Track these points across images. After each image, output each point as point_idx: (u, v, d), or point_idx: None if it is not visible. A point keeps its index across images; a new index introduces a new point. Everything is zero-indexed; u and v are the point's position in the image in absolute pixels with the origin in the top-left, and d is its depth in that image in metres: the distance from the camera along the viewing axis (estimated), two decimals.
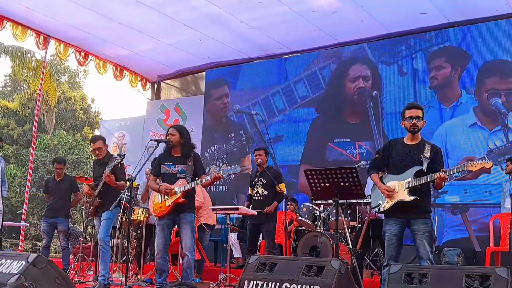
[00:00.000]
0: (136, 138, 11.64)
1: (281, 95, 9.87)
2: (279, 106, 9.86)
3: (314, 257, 5.90)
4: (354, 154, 8.93)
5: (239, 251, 8.05)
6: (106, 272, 5.69)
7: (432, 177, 4.30)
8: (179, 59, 10.58)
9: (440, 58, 8.47)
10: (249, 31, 9.05)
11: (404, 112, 4.58)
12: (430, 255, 4.30)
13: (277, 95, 9.91)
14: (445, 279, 3.42)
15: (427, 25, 8.49)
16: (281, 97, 9.85)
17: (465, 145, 7.96)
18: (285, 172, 9.17)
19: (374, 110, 8.91)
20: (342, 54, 9.44)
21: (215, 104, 10.70)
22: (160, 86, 12.20)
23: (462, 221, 7.84)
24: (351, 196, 4.97)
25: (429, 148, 4.48)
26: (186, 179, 5.23)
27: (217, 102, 10.68)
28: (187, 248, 5.13)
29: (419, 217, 4.40)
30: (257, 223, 6.65)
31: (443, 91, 8.38)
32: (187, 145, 5.35)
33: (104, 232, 5.76)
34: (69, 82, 25.76)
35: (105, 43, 9.98)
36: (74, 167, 19.07)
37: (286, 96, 9.81)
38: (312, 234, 6.55)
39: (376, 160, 4.88)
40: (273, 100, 9.94)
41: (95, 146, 6.02)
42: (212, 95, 10.78)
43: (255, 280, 3.91)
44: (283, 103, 9.82)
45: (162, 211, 5.22)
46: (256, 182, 6.76)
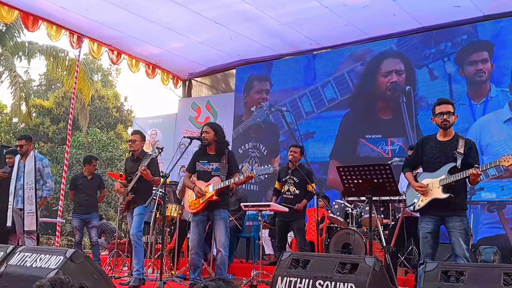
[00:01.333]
0: (168, 135, 11.76)
1: (309, 97, 9.83)
2: (307, 108, 9.82)
3: (347, 255, 5.86)
4: (386, 151, 8.82)
5: (271, 248, 8.06)
6: (140, 266, 5.76)
7: (465, 173, 4.21)
8: (209, 56, 10.65)
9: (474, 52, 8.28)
10: (279, 27, 9.03)
11: (434, 108, 4.51)
12: (466, 253, 4.23)
13: (304, 98, 9.88)
14: (483, 277, 3.35)
15: (461, 19, 8.31)
16: (309, 99, 9.81)
17: (500, 141, 7.77)
18: (316, 168, 9.14)
19: (407, 106, 8.78)
20: (374, 49, 9.32)
21: (249, 99, 10.71)
22: (191, 84, 12.30)
23: (498, 219, 7.67)
24: (384, 193, 4.91)
25: (463, 143, 4.39)
26: (220, 177, 5.27)
27: (248, 99, 10.70)
28: (221, 244, 5.17)
29: (454, 214, 4.32)
30: (287, 220, 6.64)
31: (473, 86, 8.20)
32: (221, 142, 5.40)
33: (137, 227, 5.83)
34: (102, 80, 26.22)
35: (137, 42, 10.10)
36: (108, 165, 19.41)
37: (314, 99, 9.76)
38: (344, 232, 6.51)
39: (410, 158, 4.84)
40: (300, 102, 9.91)
41: (131, 138, 6.17)
42: (247, 90, 10.79)
43: (289, 276, 3.90)
44: (311, 106, 9.78)
45: (197, 208, 5.29)
46: (287, 180, 6.73)
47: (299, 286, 3.83)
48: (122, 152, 19.97)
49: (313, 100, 9.77)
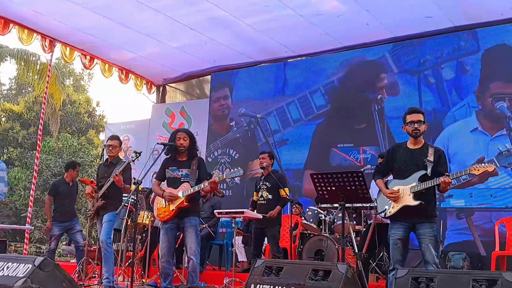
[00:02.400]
0: (141, 141, 11.64)
1: (279, 101, 9.91)
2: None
3: (320, 261, 5.88)
4: (358, 159, 8.92)
5: (244, 255, 8.03)
6: (110, 274, 5.67)
7: (436, 181, 4.29)
8: (184, 62, 10.60)
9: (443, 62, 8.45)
10: (255, 34, 9.06)
11: (405, 117, 4.58)
12: (436, 259, 4.30)
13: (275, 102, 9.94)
14: (452, 283, 3.41)
15: (433, 29, 8.48)
16: (279, 103, 9.88)
17: (466, 150, 7.93)
18: (290, 176, 9.16)
19: (379, 114, 8.90)
20: (348, 58, 9.42)
21: (219, 107, 10.71)
22: (165, 90, 12.22)
23: (466, 225, 7.81)
24: (357, 200, 4.98)
25: (433, 152, 4.48)
26: (190, 183, 5.24)
27: (222, 105, 10.69)
28: (192, 251, 5.14)
29: (424, 221, 4.39)
30: (261, 227, 6.64)
31: (446, 95, 8.37)
32: (193, 149, 5.38)
33: (106, 234, 5.74)
34: (74, 85, 25.86)
35: (111, 47, 10.01)
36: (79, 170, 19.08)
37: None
38: (317, 238, 6.53)
39: (381, 166, 4.92)
40: (271, 106, 9.97)
41: (111, 143, 6.05)
42: (217, 98, 10.80)
43: (261, 284, 3.91)
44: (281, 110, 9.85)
45: (166, 215, 5.24)
46: (261, 186, 6.75)
47: None
48: (93, 157, 19.71)
49: (284, 105, 9.85)
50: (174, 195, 5.17)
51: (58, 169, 18.69)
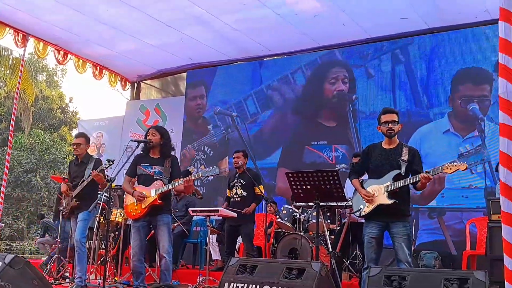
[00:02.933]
0: (115, 138, 11.50)
1: (254, 99, 9.88)
2: (251, 110, 9.87)
3: (294, 260, 5.89)
4: (331, 157, 8.97)
5: (218, 253, 7.99)
6: (82, 273, 5.59)
7: (415, 178, 4.34)
8: (160, 59, 10.50)
9: (419, 64, 8.56)
10: (232, 33, 9.03)
11: (380, 117, 4.63)
12: (408, 258, 4.34)
13: (250, 100, 9.92)
14: (424, 282, 3.44)
15: (408, 31, 8.57)
16: (254, 101, 9.86)
17: (439, 151, 8.04)
18: (264, 174, 9.16)
19: (353, 114, 8.97)
20: (323, 58, 9.47)
21: (195, 105, 10.66)
22: (140, 86, 12.09)
23: (438, 225, 7.93)
24: (331, 198, 4.98)
25: (407, 151, 4.53)
26: (163, 180, 5.18)
27: (197, 103, 10.63)
28: (164, 250, 5.08)
29: (398, 220, 4.43)
30: (235, 225, 6.59)
31: (420, 96, 8.47)
32: (166, 146, 5.31)
33: (81, 233, 5.65)
34: (47, 80, 25.41)
35: (85, 42, 9.85)
36: (51, 167, 18.81)
37: (259, 101, 9.82)
38: (291, 237, 6.54)
39: (357, 165, 4.95)
40: (245, 104, 9.95)
41: (75, 141, 5.97)
42: (192, 96, 10.73)
43: (235, 282, 3.88)
44: (256, 108, 9.84)
45: (138, 213, 5.17)
46: (235, 183, 6.70)
47: None
48: (66, 154, 19.42)
49: (258, 103, 9.83)
50: (144, 196, 5.10)
51: (29, 166, 18.34)
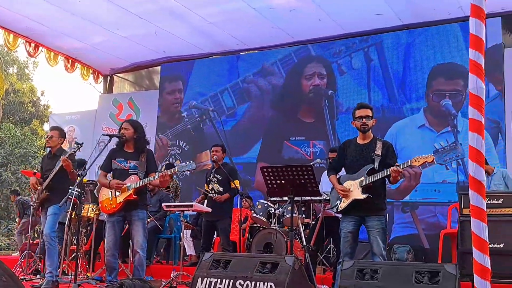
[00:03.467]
0: (87, 132, 11.33)
1: (230, 93, 9.86)
2: (228, 104, 9.84)
3: (268, 254, 5.89)
4: (308, 153, 9.01)
5: (192, 248, 7.96)
6: (53, 268, 5.48)
7: (386, 172, 4.40)
8: (133, 52, 10.38)
9: (394, 60, 8.64)
10: (207, 26, 8.97)
11: (354, 112, 4.68)
12: (383, 251, 4.40)
13: (226, 93, 9.89)
14: (396, 275, 3.48)
15: (382, 27, 8.64)
16: (230, 95, 9.84)
17: (414, 146, 8.14)
18: (241, 169, 9.14)
19: (329, 109, 9.01)
20: (299, 53, 9.48)
21: (169, 99, 10.57)
22: (113, 80, 11.93)
23: (411, 219, 8.04)
24: (306, 193, 5.01)
25: (380, 145, 4.59)
26: (139, 175, 5.11)
27: (172, 97, 10.55)
28: (138, 245, 5.03)
29: (373, 214, 4.48)
30: (212, 220, 6.57)
31: (395, 92, 8.55)
32: (141, 140, 5.24)
33: (50, 227, 5.53)
34: (18, 73, 24.84)
35: (56, 35, 9.68)
36: (22, 162, 18.44)
37: (237, 96, 9.80)
38: (266, 231, 6.54)
39: (334, 162, 5.02)
40: (222, 98, 9.91)
41: (49, 134, 5.86)
42: (167, 90, 10.64)
43: (209, 277, 3.86)
44: (232, 101, 9.81)
45: (113, 208, 5.10)
46: (211, 178, 6.67)
47: (219, 286, 3.80)
48: (37, 149, 19.05)
49: (235, 97, 9.80)
50: (122, 183, 5.03)
51: (0, 160, 17.96)
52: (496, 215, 5.71)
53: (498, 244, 5.59)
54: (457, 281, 3.29)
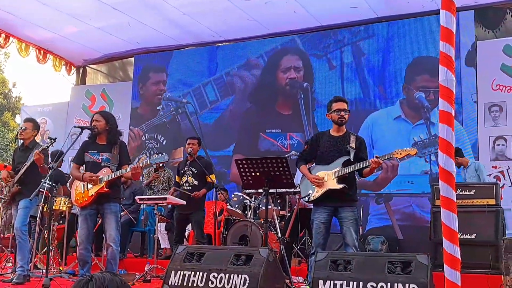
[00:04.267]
0: (59, 124, 11.14)
1: (213, 85, 9.79)
2: (211, 97, 9.77)
3: (243, 247, 5.89)
4: (285, 145, 9.01)
5: (167, 241, 7.91)
6: (24, 263, 5.41)
7: (365, 163, 4.43)
8: (106, 43, 10.21)
9: (370, 52, 8.67)
10: (181, 17, 8.86)
11: (331, 104, 4.71)
12: (355, 242, 4.44)
13: (209, 86, 9.82)
14: (369, 265, 3.51)
15: (357, 19, 8.67)
16: (214, 87, 9.77)
17: (389, 137, 8.23)
18: (216, 162, 9.11)
19: (304, 102, 9.03)
20: (275, 45, 9.46)
21: (147, 92, 10.44)
22: (85, 71, 11.72)
23: (385, 210, 8.13)
24: (281, 185, 5.01)
25: (354, 139, 4.65)
26: (111, 168, 5.05)
27: (151, 91, 10.41)
28: (112, 238, 4.98)
29: (346, 205, 4.52)
30: (185, 213, 6.52)
31: (372, 84, 8.60)
32: (113, 132, 5.17)
33: (21, 221, 5.46)
34: None
35: (28, 25, 9.44)
36: None
37: (219, 88, 9.73)
38: (241, 224, 6.54)
39: (304, 153, 5.02)
40: (205, 91, 9.84)
41: (22, 125, 5.77)
42: (142, 81, 10.51)
43: (182, 270, 3.85)
44: (215, 94, 9.75)
45: (85, 201, 5.03)
46: (185, 171, 6.61)
47: (193, 279, 3.79)
48: (9, 141, 18.69)
49: (217, 90, 9.74)
50: (96, 175, 4.97)
51: None
52: (468, 206, 5.84)
53: (470, 235, 5.71)
54: (429, 271, 3.33)
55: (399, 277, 3.34)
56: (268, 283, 3.67)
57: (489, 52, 7.88)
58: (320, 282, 3.48)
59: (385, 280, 3.32)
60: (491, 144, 7.66)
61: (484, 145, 7.68)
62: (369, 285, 3.34)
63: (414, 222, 7.88)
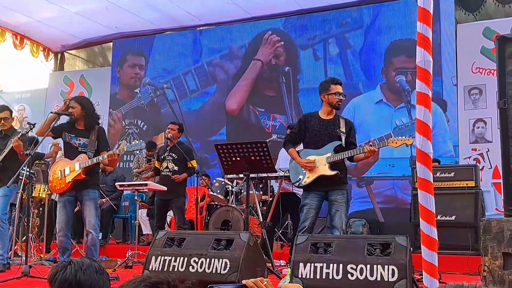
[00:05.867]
0: (38, 111, 10.97)
1: (194, 75, 9.70)
2: (191, 87, 9.69)
3: (223, 231, 5.89)
4: (267, 125, 8.99)
5: (149, 227, 7.87)
6: (4, 251, 5.35)
7: (360, 150, 4.37)
8: (85, 28, 10.01)
9: (351, 35, 8.65)
10: (160, 1, 8.74)
11: (329, 86, 4.55)
12: (343, 225, 4.41)
13: (189, 75, 9.73)
14: (349, 247, 3.52)
15: (340, 3, 8.61)
16: (194, 77, 9.68)
17: (372, 121, 8.25)
18: (198, 147, 9.06)
19: (286, 86, 8.99)
20: (256, 29, 9.38)
21: (124, 76, 10.32)
22: (63, 57, 11.53)
23: (367, 193, 8.18)
24: (261, 170, 5.00)
25: (344, 123, 4.56)
26: (88, 154, 4.97)
27: (128, 74, 10.29)
28: (91, 225, 4.93)
29: (337, 188, 4.48)
30: (166, 198, 6.48)
31: (352, 68, 8.60)
32: (89, 116, 5.09)
33: (1, 210, 5.38)
34: None
35: (3, 9, 9.22)
36: None
37: (199, 77, 9.64)
38: (224, 209, 6.54)
39: (292, 134, 4.87)
40: (185, 80, 9.75)
41: (1, 115, 5.58)
42: (121, 66, 10.38)
43: (163, 255, 3.82)
44: (195, 84, 9.67)
45: (62, 187, 4.96)
46: (166, 156, 6.55)
47: (174, 264, 3.77)
48: None
49: (198, 78, 9.66)
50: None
51: None
52: (447, 188, 5.89)
53: (450, 217, 5.77)
54: (408, 252, 3.36)
55: (378, 258, 3.35)
56: (249, 267, 3.66)
57: (469, 35, 7.91)
58: (300, 265, 3.48)
59: (364, 262, 3.33)
60: (470, 126, 7.73)
61: (464, 128, 7.75)
62: (349, 267, 3.35)
63: (396, 205, 7.95)
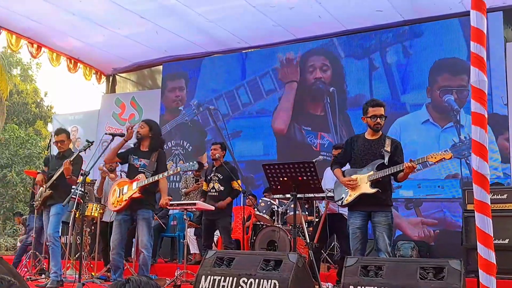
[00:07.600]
0: (90, 132, 11.32)
1: (246, 88, 9.83)
2: (244, 100, 9.81)
3: (271, 252, 5.88)
4: (315, 144, 8.98)
5: (196, 247, 7.95)
6: (58, 268, 5.52)
7: (399, 167, 4.34)
8: (135, 51, 10.35)
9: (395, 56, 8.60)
10: (207, 24, 8.94)
11: (367, 109, 4.60)
12: (388, 247, 4.36)
13: (241, 89, 9.86)
14: (400, 271, 3.45)
15: (383, 23, 8.60)
16: (246, 90, 9.81)
17: (418, 141, 8.11)
18: (243, 167, 9.13)
19: (330, 106, 8.99)
20: (301, 50, 9.44)
21: (172, 98, 10.56)
22: (115, 80, 11.93)
23: (416, 216, 8.01)
24: (308, 190, 4.97)
25: (389, 142, 4.55)
26: (146, 174, 5.13)
27: (174, 96, 10.53)
28: (143, 245, 5.05)
29: (380, 209, 4.45)
30: (212, 218, 6.54)
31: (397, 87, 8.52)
32: (154, 139, 5.30)
33: (54, 228, 5.57)
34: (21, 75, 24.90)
35: (58, 34, 9.66)
36: (26, 162, 18.51)
37: (252, 90, 9.77)
38: (270, 229, 6.53)
39: (339, 156, 4.96)
40: (237, 94, 9.88)
41: (58, 138, 5.86)
42: (170, 89, 10.63)
43: (212, 275, 3.85)
44: (248, 97, 9.78)
45: (119, 205, 5.12)
46: (212, 177, 6.64)
47: (223, 284, 3.79)
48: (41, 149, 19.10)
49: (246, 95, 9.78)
50: None
51: (4, 161, 18.04)
52: (500, 211, 5.70)
53: (503, 240, 5.57)
54: (462, 276, 3.26)
55: (431, 283, 3.27)
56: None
57: None
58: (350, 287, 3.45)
59: (417, 286, 3.26)
60: None
61: None
62: None
63: (445, 227, 7.75)
